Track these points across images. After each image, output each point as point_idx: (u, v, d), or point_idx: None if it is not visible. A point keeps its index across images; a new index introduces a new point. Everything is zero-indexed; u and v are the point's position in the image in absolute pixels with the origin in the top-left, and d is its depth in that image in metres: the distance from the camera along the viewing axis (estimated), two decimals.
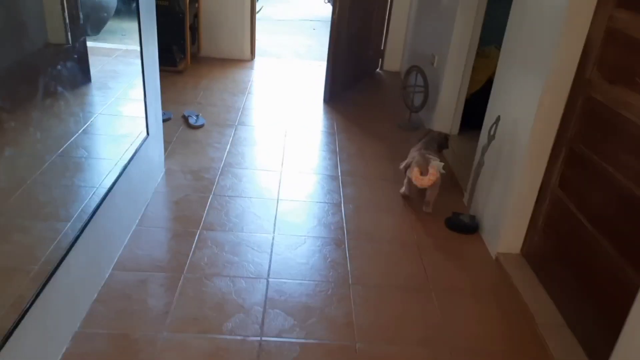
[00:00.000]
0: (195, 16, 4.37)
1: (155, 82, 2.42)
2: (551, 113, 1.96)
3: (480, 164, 2.36)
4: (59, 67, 1.70)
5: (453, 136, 3.48)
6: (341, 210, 2.49)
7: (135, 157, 2.15)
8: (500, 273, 2.14)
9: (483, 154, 2.34)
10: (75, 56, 1.83)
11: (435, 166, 2.40)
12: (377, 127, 3.54)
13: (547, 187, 2.03)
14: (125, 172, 2.04)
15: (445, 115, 3.47)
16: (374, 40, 4.61)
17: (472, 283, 2.07)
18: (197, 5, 4.35)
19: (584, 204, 1.81)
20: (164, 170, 2.66)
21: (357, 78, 4.39)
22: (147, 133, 2.31)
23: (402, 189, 2.65)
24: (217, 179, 2.65)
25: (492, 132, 2.28)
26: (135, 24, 2.12)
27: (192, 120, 3.23)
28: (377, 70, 4.85)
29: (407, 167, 2.56)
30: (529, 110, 2.02)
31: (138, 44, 2.16)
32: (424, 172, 2.40)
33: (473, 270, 2.16)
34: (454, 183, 2.84)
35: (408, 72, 3.64)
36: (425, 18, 4.02)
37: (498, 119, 2.25)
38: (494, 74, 3.49)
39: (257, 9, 4.76)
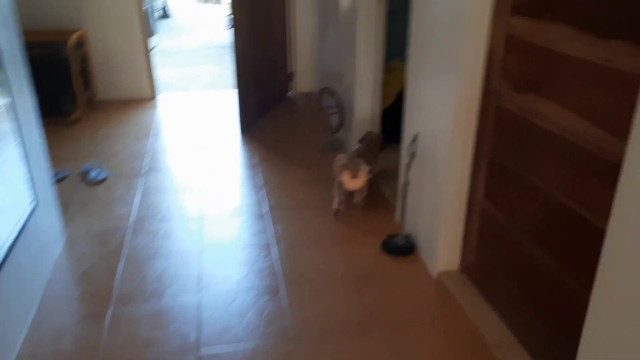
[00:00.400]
0: (84, 60, 4.04)
1: (37, 140, 2.14)
2: (466, 125, 1.92)
3: (406, 182, 2.30)
4: None
5: None
6: (272, 252, 2.33)
7: (23, 233, 1.86)
8: (443, 293, 2.07)
9: (407, 172, 2.27)
10: None
11: (364, 169, 2.52)
12: (298, 153, 3.42)
13: (475, 201, 1.99)
14: (11, 253, 1.75)
15: (363, 132, 3.41)
16: (281, 63, 4.51)
17: (417, 309, 1.98)
18: (84, 48, 4.03)
19: (513, 215, 1.78)
20: (63, 239, 2.36)
21: (270, 103, 4.26)
22: (36, 201, 2.02)
23: (334, 204, 2.62)
24: (127, 240, 2.39)
25: (412, 150, 2.22)
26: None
27: (92, 175, 2.94)
28: (290, 92, 4.75)
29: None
30: (444, 125, 1.98)
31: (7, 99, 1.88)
32: (354, 175, 2.51)
33: (416, 294, 2.07)
34: (384, 201, 2.77)
35: (320, 94, 3.56)
36: (329, 37, 3.98)
37: (416, 136, 2.20)
38: (403, 86, 3.53)
39: (151, 46, 4.50)
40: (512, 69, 1.70)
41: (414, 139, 2.20)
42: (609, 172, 1.30)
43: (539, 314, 1.67)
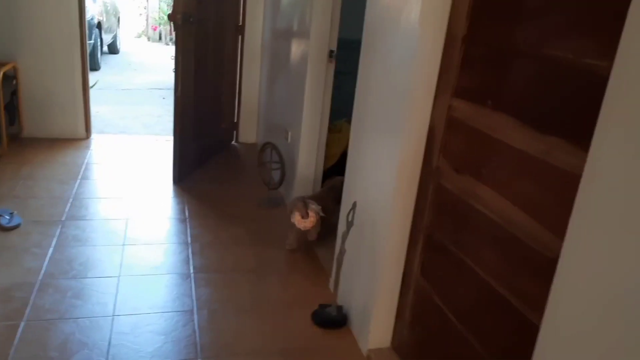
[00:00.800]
0: (14, 93, 3.80)
1: None
2: (405, 199, 1.89)
3: (342, 251, 2.22)
4: None
5: None
6: (194, 320, 2.15)
7: None
8: None
9: (343, 241, 2.20)
10: None
11: (314, 209, 2.64)
12: (234, 208, 3.28)
13: (410, 276, 1.93)
14: None
15: (305, 190, 3.34)
16: (226, 112, 4.43)
17: None
18: (14, 82, 3.79)
19: (446, 295, 1.73)
20: None
21: (210, 152, 4.13)
22: None
23: (288, 243, 2.79)
24: (32, 298, 2.14)
25: (350, 219, 2.16)
26: None
27: (4, 221, 2.67)
28: (233, 142, 4.65)
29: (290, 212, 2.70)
30: (383, 196, 1.94)
31: None
32: (304, 215, 2.64)
33: None
34: (319, 268, 2.67)
35: (262, 149, 3.49)
36: (276, 91, 3.96)
37: (354, 205, 2.15)
38: (347, 147, 3.53)
39: (91, 83, 4.32)
40: (452, 149, 1.69)
41: (352, 208, 2.15)
42: (544, 267, 1.27)
43: None
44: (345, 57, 3.32)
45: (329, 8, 3.00)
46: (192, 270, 2.51)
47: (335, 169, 3.46)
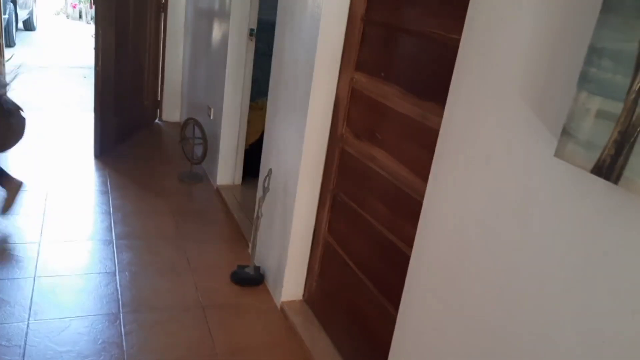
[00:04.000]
0: None
1: None
2: (314, 165, 2.10)
3: (259, 216, 2.40)
4: None
5: (237, 186, 3.51)
6: (116, 280, 2.25)
7: None
8: (285, 323, 2.17)
9: (260, 206, 2.38)
10: None
11: None
12: (156, 182, 3.36)
13: (319, 234, 2.15)
14: None
15: (227, 165, 3.49)
16: (149, 90, 4.45)
17: (258, 337, 2.05)
18: None
19: (348, 247, 1.96)
20: None
21: (133, 130, 4.15)
22: None
23: None
24: None
25: (266, 184, 2.34)
26: None
27: None
28: (156, 121, 4.67)
29: None
30: (295, 163, 2.14)
31: None
32: None
33: (260, 324, 2.14)
34: (239, 235, 2.83)
35: (185, 124, 3.58)
36: (199, 69, 4.05)
37: (270, 171, 2.33)
38: None
39: (6, 57, 4.18)
40: (354, 118, 1.92)
41: (268, 175, 2.33)
42: (419, 211, 1.52)
43: (364, 338, 1.84)
44: (267, 38, 3.48)
45: None
46: (114, 238, 2.59)
47: (257, 144, 3.63)
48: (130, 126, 4.10)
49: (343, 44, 1.94)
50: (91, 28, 10.64)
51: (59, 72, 6.48)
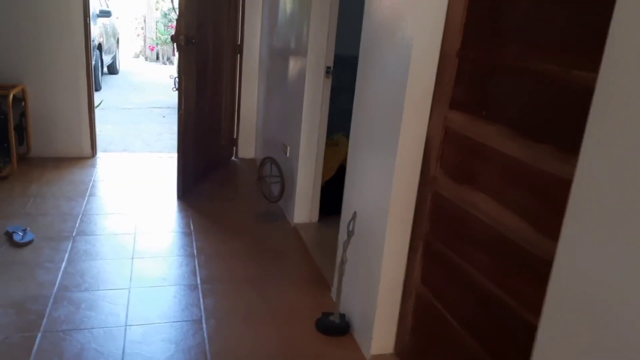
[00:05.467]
0: (23, 115, 3.90)
1: None
2: (404, 208, 1.99)
3: (344, 260, 2.31)
4: None
5: (314, 224, 3.45)
6: (202, 329, 2.23)
7: None
8: None
9: (344, 250, 2.29)
10: None
11: None
12: (235, 222, 3.38)
13: (412, 283, 2.02)
14: None
15: (304, 203, 3.45)
16: (226, 129, 4.54)
17: None
18: (23, 104, 3.90)
19: (446, 300, 1.82)
20: None
21: (211, 168, 4.24)
22: None
23: None
24: (48, 310, 2.22)
25: (350, 228, 2.25)
26: None
27: (17, 237, 2.75)
28: (232, 158, 4.76)
29: None
30: (382, 206, 2.04)
31: None
32: None
33: None
34: (319, 277, 2.75)
35: (262, 163, 3.59)
36: (273, 107, 4.08)
37: (355, 214, 2.24)
38: (345, 160, 3.63)
39: (96, 103, 4.44)
40: (449, 158, 1.80)
41: (352, 218, 2.25)
42: (537, 267, 1.37)
43: None
44: (339, 72, 3.45)
45: (325, 26, 3.14)
46: (199, 282, 2.59)
47: (333, 181, 3.57)
48: (209, 165, 4.19)
49: (435, 82, 1.84)
50: (168, 69, 11.27)
51: (140, 112, 6.83)
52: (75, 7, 4.00)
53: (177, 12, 3.39)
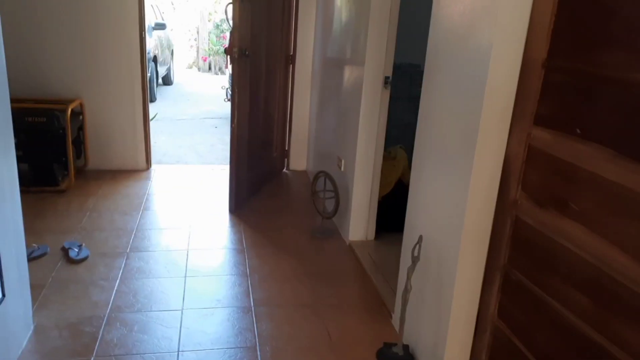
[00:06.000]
0: (80, 129, 3.96)
1: (14, 220, 1.96)
2: (478, 234, 1.80)
3: (408, 289, 2.13)
4: None
5: (370, 241, 3.29)
6: (257, 357, 2.10)
7: None
8: None
9: (409, 277, 2.11)
10: None
11: None
12: (289, 238, 3.26)
13: (486, 317, 1.82)
14: None
15: (360, 220, 3.29)
16: (278, 141, 4.46)
17: None
18: (81, 117, 3.95)
19: (529, 339, 1.61)
20: (32, 328, 2.13)
21: (263, 181, 4.15)
22: (2, 294, 1.82)
23: None
24: (101, 333, 2.16)
25: (415, 253, 2.07)
26: None
27: (73, 254, 2.74)
28: (284, 170, 4.66)
29: None
30: (453, 231, 1.85)
31: None
32: None
33: None
34: (378, 302, 2.58)
35: (316, 178, 3.46)
36: (327, 119, 3.96)
37: (420, 238, 2.06)
38: (403, 174, 3.46)
39: (151, 116, 4.46)
40: (533, 181, 1.59)
41: (418, 242, 2.07)
42: None
43: None
44: (396, 81, 3.28)
45: (384, 33, 2.98)
46: (252, 304, 2.48)
47: (390, 196, 3.39)
48: (261, 178, 4.11)
49: (516, 94, 1.65)
50: (220, 79, 11.41)
51: (193, 123, 6.89)
52: (131, 21, 4.04)
53: (231, 25, 3.33)
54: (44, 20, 3.87)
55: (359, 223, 3.29)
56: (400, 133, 3.52)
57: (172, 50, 10.36)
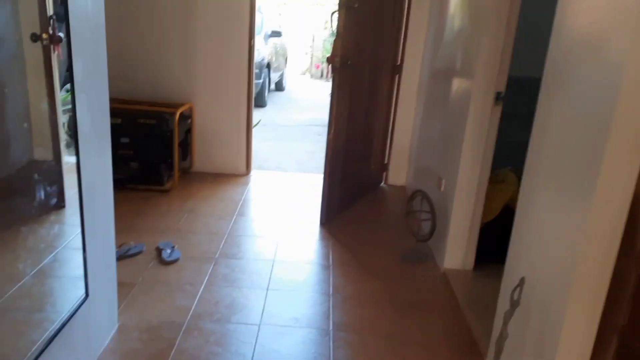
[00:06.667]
0: (188, 132, 4.14)
1: (104, 219, 2.03)
2: (592, 286, 1.50)
3: (504, 335, 1.86)
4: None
5: (468, 271, 3.00)
6: None
7: (66, 327, 1.71)
8: None
9: (506, 323, 1.85)
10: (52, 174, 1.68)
11: None
12: (378, 258, 3.09)
13: None
14: (48, 348, 1.59)
15: (458, 246, 3.02)
16: (377, 153, 4.30)
17: None
18: (189, 121, 4.13)
19: None
20: (115, 327, 2.20)
21: (358, 194, 4.02)
22: (86, 294, 1.88)
23: None
24: (178, 340, 2.17)
25: (515, 297, 1.80)
26: None
27: (165, 255, 2.82)
28: (381, 184, 4.49)
29: None
30: (562, 277, 1.57)
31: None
32: None
33: None
34: (470, 342, 2.32)
35: (412, 197, 3.25)
36: (430, 134, 3.72)
37: (522, 281, 1.79)
38: (511, 200, 3.11)
39: (254, 122, 4.55)
40: None
41: (519, 285, 1.79)
42: None
43: None
44: (511, 96, 2.96)
45: (499, 43, 2.71)
46: (331, 327, 2.36)
47: (495, 223, 3.08)
48: (356, 191, 3.98)
49: None
50: (330, 86, 11.51)
51: (298, 129, 6.97)
52: (242, 29, 4.14)
53: (335, 33, 3.25)
54: (162, 29, 4.10)
55: (456, 250, 3.02)
56: (511, 154, 3.17)
57: (287, 57, 10.66)
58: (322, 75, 13.26)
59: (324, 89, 11.08)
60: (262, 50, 7.87)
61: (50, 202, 1.88)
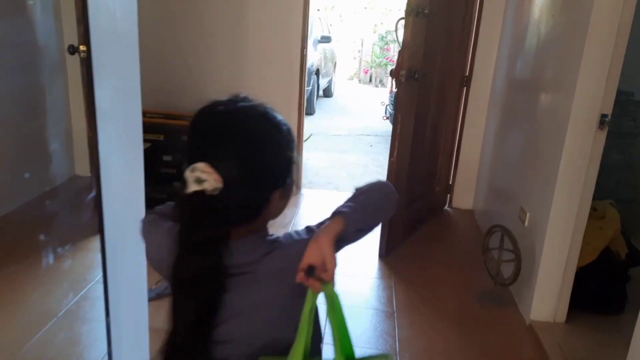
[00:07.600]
0: None
1: (135, 260, 1.69)
2: None
3: None
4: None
5: (559, 325, 2.51)
6: None
7: None
8: None
9: None
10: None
11: None
12: (450, 302, 2.66)
13: None
14: None
15: (548, 294, 2.53)
16: (442, 173, 3.85)
17: None
18: None
19: None
20: None
21: (421, 220, 3.58)
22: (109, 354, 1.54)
23: None
24: None
25: None
26: None
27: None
28: (445, 207, 4.03)
29: None
30: None
31: None
32: None
33: None
34: None
35: (490, 232, 2.79)
36: (507, 155, 3.24)
37: None
38: (612, 240, 2.61)
39: (305, 136, 4.19)
40: None
41: None
42: None
43: None
44: (616, 115, 2.46)
45: (607, 55, 2.22)
46: None
47: (593, 267, 2.58)
48: (420, 217, 3.54)
49: None
50: (380, 92, 11.05)
51: (349, 139, 6.59)
52: (294, 37, 3.80)
53: (400, 42, 2.83)
54: (208, 38, 3.84)
55: (546, 298, 2.53)
56: (613, 184, 2.67)
57: (335, 63, 10.30)
58: (370, 80, 12.82)
59: (374, 94, 10.65)
60: (311, 57, 7.53)
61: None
